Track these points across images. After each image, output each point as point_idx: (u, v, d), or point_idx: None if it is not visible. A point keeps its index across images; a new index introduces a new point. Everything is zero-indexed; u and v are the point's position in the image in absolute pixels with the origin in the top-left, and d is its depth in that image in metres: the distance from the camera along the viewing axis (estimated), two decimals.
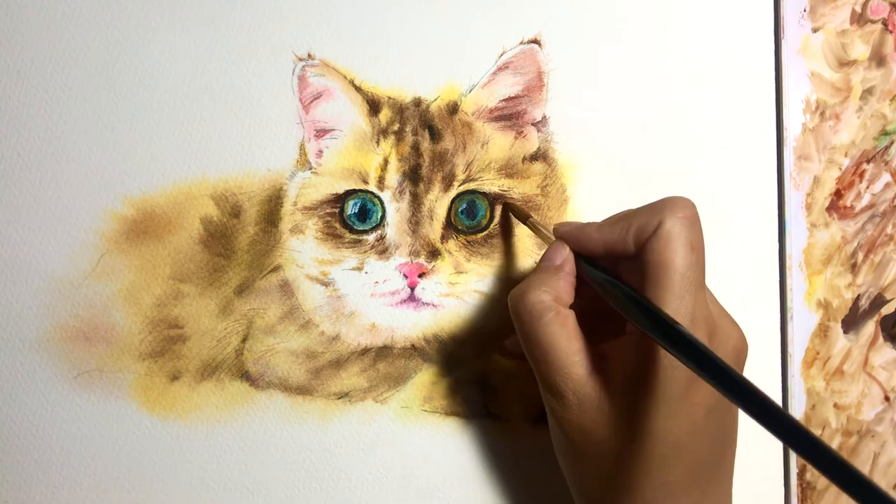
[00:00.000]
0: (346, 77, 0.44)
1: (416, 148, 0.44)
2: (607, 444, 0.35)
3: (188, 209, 0.44)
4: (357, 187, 0.44)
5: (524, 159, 0.46)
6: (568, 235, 0.39)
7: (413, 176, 0.44)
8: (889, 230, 0.49)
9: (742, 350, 0.37)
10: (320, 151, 0.45)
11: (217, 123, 0.44)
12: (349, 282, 0.44)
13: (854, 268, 0.49)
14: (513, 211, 0.44)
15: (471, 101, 0.45)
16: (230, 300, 0.44)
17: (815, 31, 0.48)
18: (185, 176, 0.44)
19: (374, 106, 0.45)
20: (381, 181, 0.44)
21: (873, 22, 0.49)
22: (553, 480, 0.45)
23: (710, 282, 0.47)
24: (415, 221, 0.44)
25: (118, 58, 0.43)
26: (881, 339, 0.49)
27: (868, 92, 0.49)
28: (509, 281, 0.45)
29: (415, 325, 0.45)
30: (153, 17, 0.44)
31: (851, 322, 0.49)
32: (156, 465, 0.44)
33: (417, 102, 0.45)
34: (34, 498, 0.43)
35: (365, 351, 0.45)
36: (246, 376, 0.44)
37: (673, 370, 0.33)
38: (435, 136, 0.45)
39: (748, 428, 0.48)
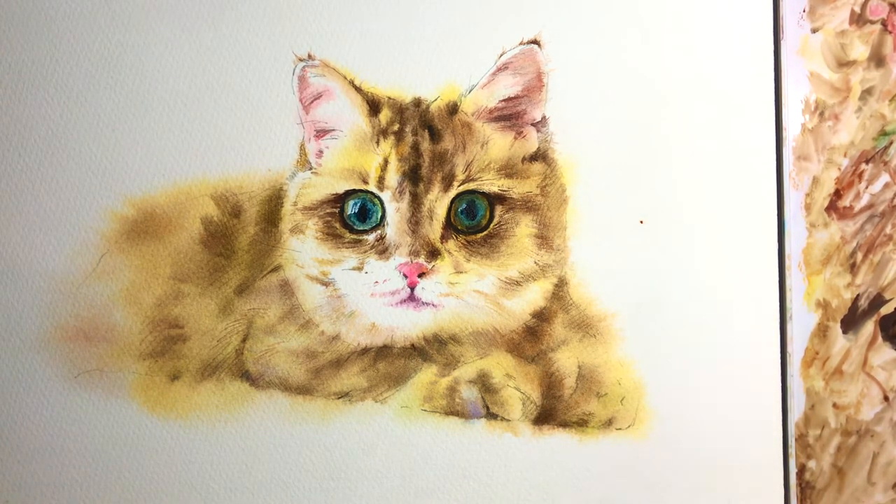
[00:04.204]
0: (346, 77, 0.44)
1: (415, 148, 0.44)
2: None
3: (189, 209, 0.44)
4: (357, 187, 0.44)
5: (524, 159, 0.46)
6: None
7: (413, 176, 0.44)
8: (888, 230, 0.49)
9: None
10: (320, 151, 0.45)
11: (217, 123, 0.44)
12: (349, 282, 0.44)
13: (853, 268, 0.49)
14: None
15: (470, 102, 0.45)
16: (230, 300, 0.44)
17: (814, 31, 0.49)
18: (185, 176, 0.44)
19: (374, 106, 0.45)
20: (381, 181, 0.44)
21: (872, 22, 0.49)
22: (552, 480, 0.45)
23: (710, 282, 0.47)
24: (415, 221, 0.44)
25: (118, 58, 0.43)
26: (880, 339, 0.49)
27: (867, 92, 0.49)
28: (509, 281, 0.45)
29: (415, 325, 0.45)
30: (153, 17, 0.44)
31: (851, 322, 0.49)
32: (156, 465, 0.44)
33: (417, 103, 0.45)
34: (34, 498, 0.43)
35: (365, 351, 0.45)
36: (246, 376, 0.44)
37: None
38: (435, 136, 0.45)
39: (748, 427, 0.48)
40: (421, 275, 0.44)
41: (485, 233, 0.45)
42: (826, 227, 0.49)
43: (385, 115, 0.45)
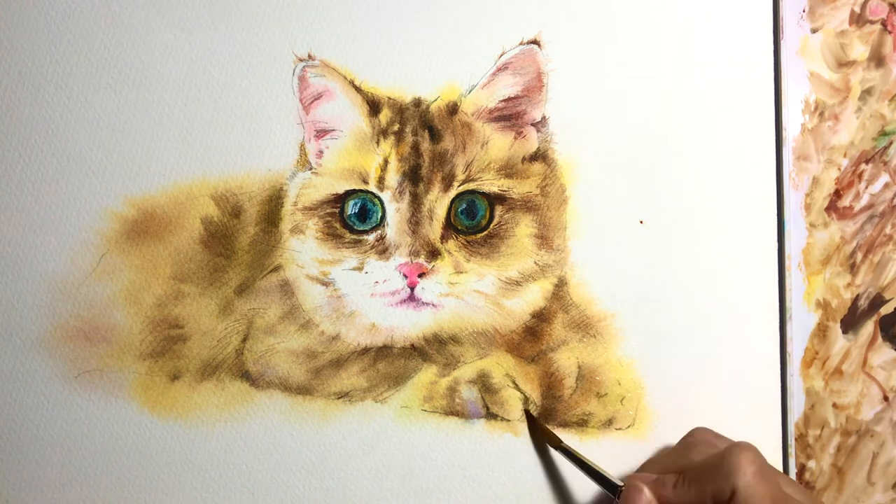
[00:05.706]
0: (346, 77, 0.44)
1: (416, 148, 0.44)
2: None
3: (189, 209, 0.44)
4: (357, 187, 0.44)
5: (524, 159, 0.46)
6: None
7: (413, 176, 0.44)
8: (888, 230, 0.49)
9: None
10: (320, 152, 0.45)
11: (217, 123, 0.44)
12: (349, 282, 0.44)
13: (853, 268, 0.49)
14: (546, 436, 0.45)
15: (470, 102, 0.45)
16: (230, 300, 0.44)
17: (814, 31, 0.49)
18: (185, 176, 0.44)
19: (374, 106, 0.45)
20: (381, 181, 0.44)
21: (872, 22, 0.49)
22: (552, 480, 0.45)
23: (710, 282, 0.47)
24: (415, 221, 0.44)
25: (118, 58, 0.43)
26: (880, 339, 0.49)
27: (867, 92, 0.49)
28: (509, 281, 0.45)
29: (415, 325, 0.45)
30: (153, 17, 0.44)
31: (850, 322, 0.49)
32: (156, 465, 0.44)
33: (417, 103, 0.45)
34: (34, 498, 0.43)
35: (365, 351, 0.45)
36: (246, 376, 0.44)
37: None
38: (435, 136, 0.45)
39: (748, 428, 0.48)
40: (421, 275, 0.44)
41: (485, 233, 0.45)
42: (826, 227, 0.49)
43: (385, 115, 0.45)
